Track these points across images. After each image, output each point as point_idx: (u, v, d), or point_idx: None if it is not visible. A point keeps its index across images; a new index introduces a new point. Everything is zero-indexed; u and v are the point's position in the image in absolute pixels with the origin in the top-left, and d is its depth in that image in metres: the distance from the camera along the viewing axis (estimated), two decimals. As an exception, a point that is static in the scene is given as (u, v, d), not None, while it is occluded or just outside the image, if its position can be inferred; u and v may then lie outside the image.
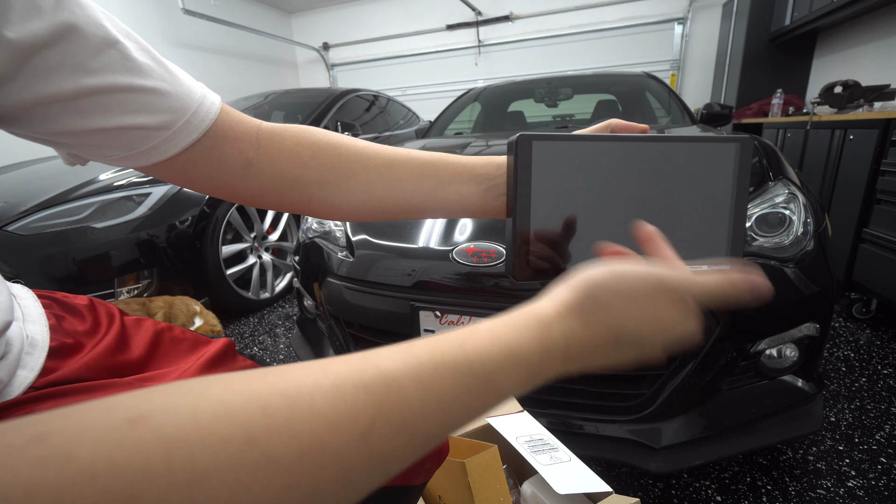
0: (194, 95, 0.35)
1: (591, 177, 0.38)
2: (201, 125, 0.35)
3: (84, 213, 1.58)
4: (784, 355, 0.94)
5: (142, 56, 0.33)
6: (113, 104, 0.31)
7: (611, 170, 0.38)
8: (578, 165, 0.37)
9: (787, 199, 0.94)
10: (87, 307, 0.52)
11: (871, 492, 1.00)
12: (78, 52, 0.30)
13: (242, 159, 0.38)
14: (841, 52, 3.21)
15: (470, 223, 1.02)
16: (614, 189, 0.38)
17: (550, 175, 0.37)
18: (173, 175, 0.37)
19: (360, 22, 6.06)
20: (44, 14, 0.28)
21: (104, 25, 0.31)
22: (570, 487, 0.64)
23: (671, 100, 2.09)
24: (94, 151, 0.34)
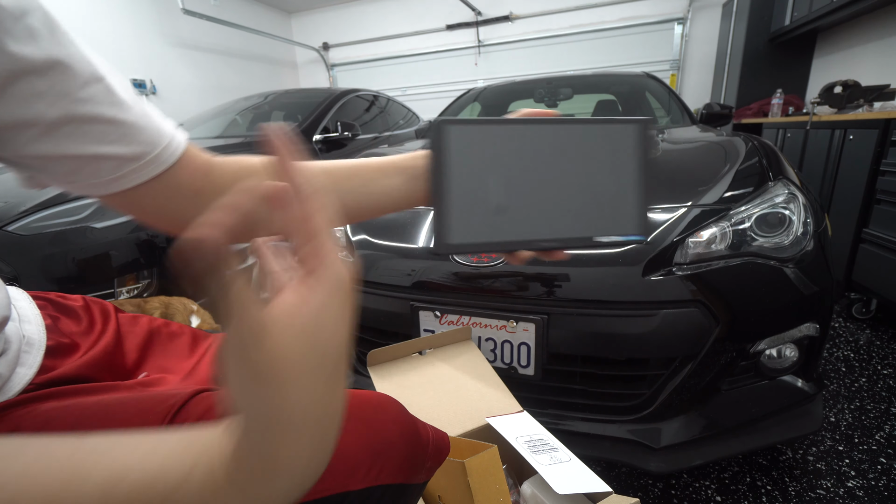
0: (165, 132, 0.37)
1: (506, 158, 0.39)
2: (170, 159, 0.37)
3: (84, 213, 1.58)
4: (784, 355, 0.94)
5: (124, 93, 0.35)
6: (92, 133, 0.33)
7: (525, 152, 0.40)
8: (494, 148, 0.39)
9: (786, 199, 0.94)
10: (82, 307, 0.53)
11: (871, 492, 1.00)
12: (66, 83, 0.31)
13: (193, 189, 0.39)
14: (841, 52, 3.21)
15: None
16: (530, 169, 0.40)
17: (468, 157, 0.38)
18: (126, 205, 0.38)
19: (360, 22, 6.05)
20: (39, 43, 0.30)
21: (92, 63, 0.34)
22: (569, 487, 0.64)
23: (671, 100, 2.09)
24: (59, 176, 0.34)
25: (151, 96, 4.29)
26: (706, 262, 0.86)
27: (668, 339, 0.85)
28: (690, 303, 0.84)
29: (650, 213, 0.43)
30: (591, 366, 0.91)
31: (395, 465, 0.42)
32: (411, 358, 0.90)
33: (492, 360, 0.95)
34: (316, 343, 0.19)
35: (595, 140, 0.42)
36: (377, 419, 0.43)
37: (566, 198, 0.41)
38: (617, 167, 0.42)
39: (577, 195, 0.41)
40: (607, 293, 0.86)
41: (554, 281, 0.88)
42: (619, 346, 0.87)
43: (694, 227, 0.89)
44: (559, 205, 0.41)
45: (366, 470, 0.40)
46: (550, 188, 0.40)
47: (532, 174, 0.40)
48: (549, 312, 0.88)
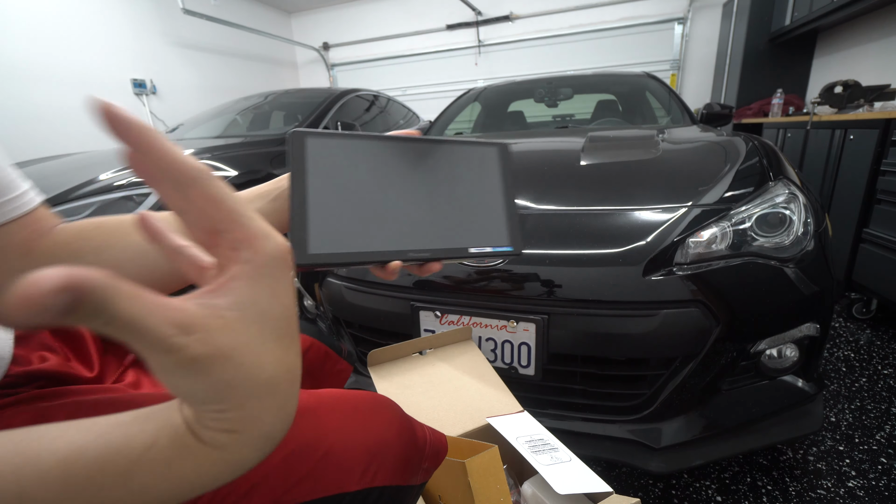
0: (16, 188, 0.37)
1: (370, 173, 0.40)
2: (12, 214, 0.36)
3: (84, 213, 1.58)
4: (784, 355, 0.94)
5: None
6: None
7: (390, 167, 0.40)
8: (356, 162, 0.39)
9: (787, 199, 0.94)
10: None
11: (872, 492, 1.00)
12: None
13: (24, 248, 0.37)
14: (841, 52, 3.21)
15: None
16: (396, 184, 0.40)
17: (327, 169, 0.38)
18: None
19: (360, 22, 6.05)
20: None
21: None
22: (570, 487, 0.64)
23: (671, 100, 2.09)
24: None
25: (151, 96, 4.28)
26: (706, 262, 0.86)
27: (668, 339, 0.85)
28: (691, 303, 0.84)
29: (519, 227, 0.44)
30: (592, 366, 0.91)
31: (391, 467, 0.42)
32: (411, 358, 0.90)
33: (492, 360, 0.95)
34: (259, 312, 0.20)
35: (459, 159, 0.43)
36: (373, 420, 0.43)
37: (435, 212, 0.41)
38: (482, 185, 0.43)
39: (447, 210, 0.41)
40: (608, 293, 0.86)
41: (554, 281, 0.88)
42: (620, 345, 0.87)
43: (694, 227, 0.89)
44: (428, 219, 0.41)
45: (362, 471, 0.40)
46: (418, 203, 0.40)
47: (398, 189, 0.40)
48: (550, 312, 0.88)
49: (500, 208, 0.44)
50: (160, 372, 0.18)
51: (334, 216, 0.37)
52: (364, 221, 0.38)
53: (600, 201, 1.01)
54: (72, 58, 3.61)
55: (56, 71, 3.50)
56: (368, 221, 0.38)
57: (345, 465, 0.39)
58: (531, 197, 1.07)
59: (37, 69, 3.37)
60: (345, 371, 0.76)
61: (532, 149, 1.57)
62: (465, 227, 0.42)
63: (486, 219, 0.43)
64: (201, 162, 0.20)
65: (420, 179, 0.41)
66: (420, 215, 0.40)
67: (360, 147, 0.40)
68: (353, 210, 0.38)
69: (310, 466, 0.38)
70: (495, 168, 0.44)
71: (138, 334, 0.16)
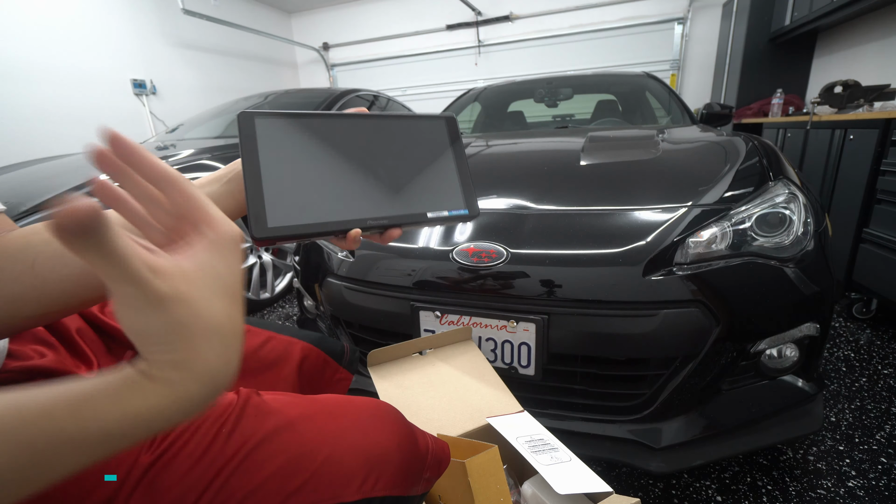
0: None
1: (322, 149, 0.41)
2: None
3: (84, 214, 1.58)
4: (784, 355, 0.94)
5: None
6: None
7: (342, 143, 0.42)
8: (307, 139, 0.40)
9: (787, 199, 0.94)
10: None
11: (872, 492, 1.00)
12: None
13: None
14: (841, 52, 3.21)
15: (470, 224, 1.02)
16: (349, 159, 0.41)
17: (279, 148, 0.39)
18: None
19: (360, 22, 6.05)
20: None
21: None
22: (570, 487, 0.64)
23: (671, 100, 2.09)
24: None
25: (151, 96, 4.29)
26: (706, 262, 0.86)
27: (668, 339, 0.85)
28: (691, 303, 0.84)
29: (474, 191, 0.46)
30: (592, 366, 0.91)
31: (391, 477, 0.41)
32: (411, 358, 0.90)
33: (492, 360, 0.95)
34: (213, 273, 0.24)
35: (409, 133, 0.45)
36: (373, 428, 0.42)
37: (390, 182, 0.42)
38: (434, 155, 0.45)
39: (401, 179, 0.43)
40: (608, 293, 0.86)
41: (554, 281, 0.88)
42: (620, 345, 0.87)
43: (694, 226, 0.89)
44: (384, 188, 0.42)
45: (360, 481, 0.39)
46: (373, 174, 0.42)
47: (352, 162, 0.41)
48: (550, 312, 0.88)
49: (453, 175, 0.45)
50: (124, 305, 0.21)
51: (289, 190, 0.38)
52: (319, 194, 0.39)
53: (600, 201, 1.01)
54: (72, 58, 3.61)
55: (56, 71, 3.50)
56: (324, 194, 0.39)
57: (343, 473, 0.39)
58: (531, 197, 1.07)
59: (37, 69, 3.37)
60: (345, 380, 0.74)
61: (532, 149, 1.57)
62: (420, 194, 0.43)
63: (440, 185, 0.45)
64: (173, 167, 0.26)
65: (372, 153, 0.43)
66: (375, 185, 0.42)
67: (309, 125, 0.41)
68: (307, 184, 0.39)
69: (307, 475, 0.38)
70: (444, 139, 0.46)
71: (119, 265, 0.20)
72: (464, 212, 0.44)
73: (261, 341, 0.65)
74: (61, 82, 3.54)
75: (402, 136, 0.45)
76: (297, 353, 0.67)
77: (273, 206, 0.37)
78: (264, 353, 0.64)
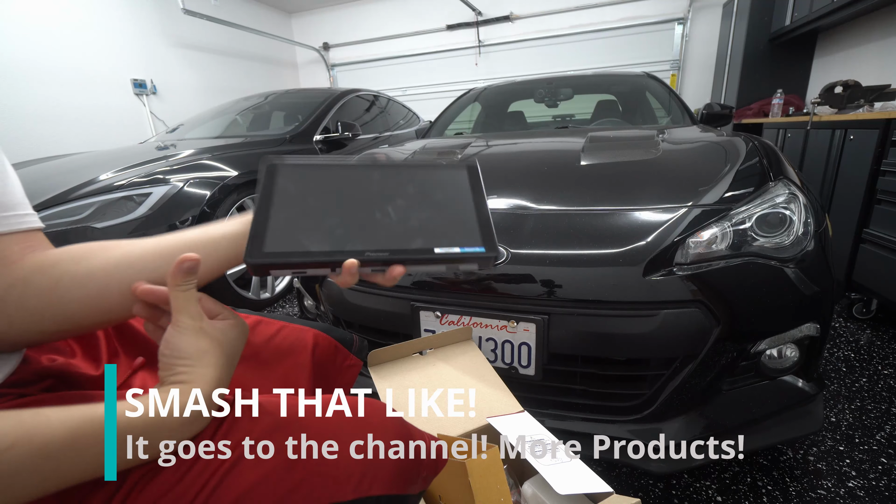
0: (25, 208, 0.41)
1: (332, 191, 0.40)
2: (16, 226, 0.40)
3: (84, 213, 1.58)
4: (784, 355, 0.93)
5: None
6: None
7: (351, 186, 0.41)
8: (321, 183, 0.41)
9: (787, 200, 0.94)
10: None
11: (872, 492, 1.00)
12: None
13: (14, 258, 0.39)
14: (841, 52, 3.21)
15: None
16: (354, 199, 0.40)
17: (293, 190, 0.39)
18: None
19: (360, 22, 6.05)
20: None
21: None
22: (570, 487, 0.64)
23: (671, 100, 2.09)
24: None
25: (151, 96, 4.29)
26: (707, 262, 0.86)
27: (668, 339, 0.85)
28: (691, 303, 0.84)
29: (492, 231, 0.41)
30: (592, 366, 0.91)
31: (388, 476, 0.41)
32: (412, 358, 0.90)
33: (492, 360, 0.95)
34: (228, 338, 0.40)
35: (427, 177, 0.43)
36: (370, 427, 0.42)
37: (398, 217, 0.40)
38: (451, 197, 0.43)
39: (411, 215, 0.40)
40: (608, 293, 0.86)
41: (554, 281, 0.88)
42: (620, 346, 0.87)
43: (694, 227, 0.89)
44: (390, 222, 0.40)
45: (357, 481, 0.39)
46: (381, 210, 0.40)
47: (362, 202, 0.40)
48: (550, 312, 0.88)
49: (471, 216, 0.41)
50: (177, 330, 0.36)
51: (293, 223, 0.38)
52: (322, 227, 0.38)
53: (600, 201, 1.01)
54: (72, 58, 3.61)
55: (56, 71, 3.50)
56: (327, 228, 0.38)
57: (339, 473, 0.38)
58: (532, 197, 1.07)
59: (37, 69, 3.37)
60: (355, 366, 0.75)
61: (532, 149, 1.57)
62: (430, 231, 0.40)
63: (455, 224, 0.41)
64: None
65: (386, 195, 0.41)
66: (382, 222, 0.39)
67: (327, 172, 0.41)
68: (313, 218, 0.38)
69: (302, 475, 0.37)
70: (465, 185, 0.44)
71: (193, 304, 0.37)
72: (479, 249, 0.39)
73: (275, 330, 0.66)
74: (61, 82, 3.54)
75: (419, 181, 0.43)
76: (310, 340, 0.67)
77: (274, 234, 0.37)
78: (278, 340, 0.65)
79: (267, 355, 0.63)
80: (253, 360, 0.61)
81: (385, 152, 1.68)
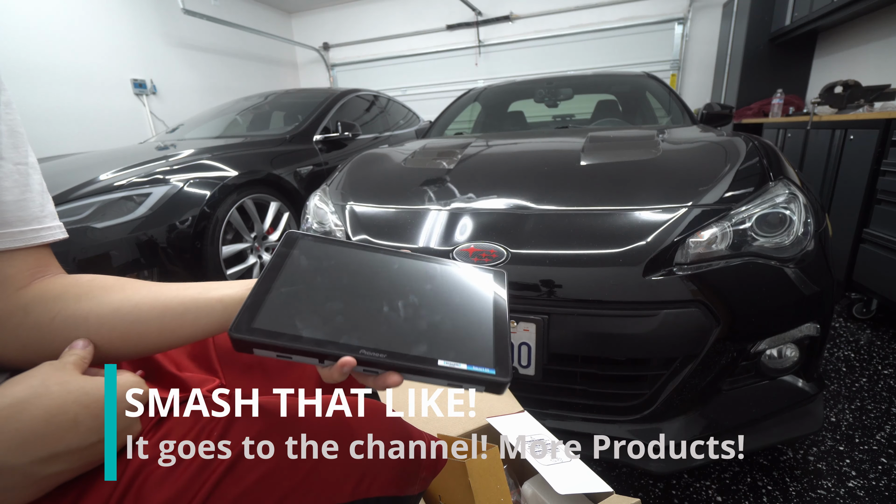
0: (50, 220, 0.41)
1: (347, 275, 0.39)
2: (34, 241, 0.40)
3: (84, 213, 1.58)
4: (784, 355, 0.93)
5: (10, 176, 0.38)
6: None
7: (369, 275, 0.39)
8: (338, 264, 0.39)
9: (787, 199, 0.94)
10: None
11: (872, 492, 1.00)
12: None
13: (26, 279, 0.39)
14: (841, 52, 3.21)
15: (470, 224, 1.02)
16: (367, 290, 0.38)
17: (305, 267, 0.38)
18: None
19: (360, 22, 6.05)
20: None
21: None
22: (570, 487, 0.64)
23: (671, 100, 2.09)
24: None
25: (151, 96, 4.29)
26: (707, 262, 0.86)
27: (668, 339, 0.85)
28: (691, 303, 0.84)
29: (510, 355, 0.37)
30: (592, 366, 0.91)
31: (386, 477, 0.40)
32: (412, 358, 0.90)
33: (492, 360, 0.95)
34: None
35: (450, 279, 0.41)
36: (367, 427, 0.41)
37: (407, 319, 0.37)
38: (471, 305, 0.40)
39: (423, 319, 0.37)
40: (608, 293, 0.86)
41: (554, 281, 0.88)
42: (620, 346, 0.87)
43: (694, 227, 0.89)
44: (396, 322, 0.36)
45: (355, 483, 0.38)
46: (393, 311, 0.37)
47: (375, 295, 0.38)
48: (550, 313, 0.88)
49: (487, 331, 0.38)
50: None
51: (293, 301, 0.35)
52: (322, 311, 0.35)
53: (600, 201, 1.01)
54: (72, 58, 3.61)
55: (56, 71, 3.50)
56: (327, 311, 0.35)
57: (336, 475, 0.38)
58: (532, 197, 1.07)
59: (37, 69, 3.37)
60: None
61: (532, 149, 1.57)
62: (439, 340, 0.36)
63: (467, 337, 0.37)
64: None
65: (402, 292, 0.38)
66: (388, 315, 0.36)
67: (347, 253, 0.40)
68: (314, 300, 0.35)
69: (299, 478, 0.37)
70: (488, 293, 0.41)
71: None
72: (489, 371, 0.35)
73: None
74: (61, 82, 3.54)
75: (440, 282, 0.40)
76: None
77: (270, 308, 0.34)
78: None
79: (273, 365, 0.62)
80: (258, 370, 0.60)
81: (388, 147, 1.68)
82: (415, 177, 1.34)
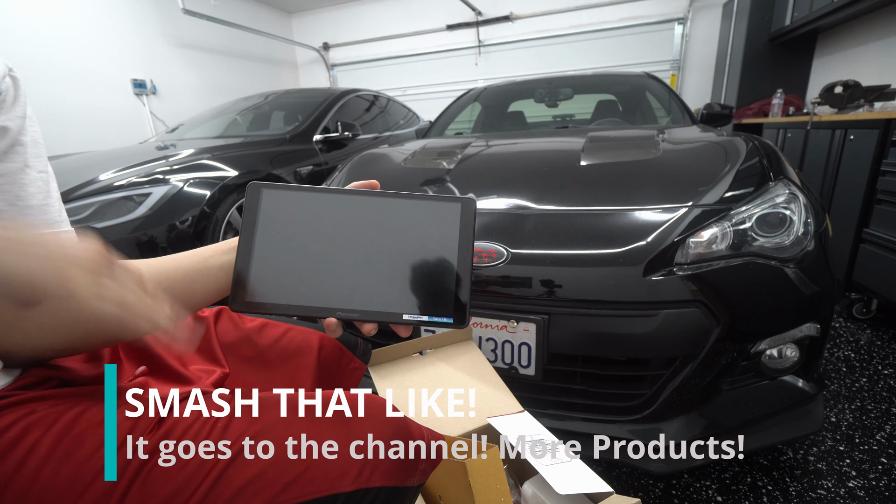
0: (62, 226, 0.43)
1: (321, 226, 0.41)
2: None
3: (84, 214, 1.58)
4: (785, 355, 0.93)
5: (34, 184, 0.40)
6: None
7: (343, 221, 0.41)
8: (309, 214, 0.41)
9: (787, 199, 0.94)
10: None
11: (872, 492, 1.00)
12: None
13: None
14: (841, 52, 3.21)
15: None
16: (346, 239, 0.41)
17: (278, 222, 0.40)
18: None
19: (360, 22, 6.05)
20: None
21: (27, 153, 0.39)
22: (570, 488, 0.64)
23: (671, 100, 2.09)
24: None
25: (151, 96, 4.29)
26: (707, 262, 0.86)
27: (668, 339, 0.85)
28: (691, 303, 0.84)
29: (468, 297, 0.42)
30: (592, 366, 0.91)
31: (387, 468, 0.41)
32: (412, 358, 0.90)
33: (492, 360, 0.95)
34: None
35: (417, 216, 0.42)
36: (368, 420, 0.43)
37: (376, 273, 0.41)
38: (437, 246, 0.42)
39: (390, 272, 0.41)
40: (608, 293, 0.86)
41: (554, 281, 0.88)
42: (620, 346, 0.87)
43: (695, 227, 0.89)
44: (367, 279, 0.41)
45: (356, 472, 0.40)
46: (361, 262, 0.41)
47: (344, 246, 0.41)
48: (550, 313, 0.88)
49: (450, 274, 0.42)
50: None
51: (275, 269, 0.39)
52: (301, 277, 0.40)
53: (600, 201, 1.01)
54: (72, 58, 3.61)
55: (56, 71, 3.50)
56: (306, 277, 0.40)
57: (339, 464, 0.39)
58: (532, 197, 1.07)
59: (37, 69, 3.38)
60: (359, 369, 0.76)
61: (532, 149, 1.57)
62: (405, 292, 0.41)
63: (431, 285, 0.41)
64: None
65: (370, 237, 0.41)
66: (359, 275, 0.41)
67: (315, 200, 0.41)
68: (293, 265, 0.40)
69: (303, 466, 0.38)
70: (454, 226, 0.42)
71: None
72: (447, 320, 0.41)
73: (281, 332, 0.67)
74: (61, 82, 3.54)
75: (407, 220, 0.42)
76: (316, 342, 0.68)
77: (255, 284, 0.39)
78: (285, 342, 0.66)
79: (273, 357, 0.64)
80: (259, 361, 0.62)
81: (383, 150, 1.68)
82: (415, 177, 1.34)
